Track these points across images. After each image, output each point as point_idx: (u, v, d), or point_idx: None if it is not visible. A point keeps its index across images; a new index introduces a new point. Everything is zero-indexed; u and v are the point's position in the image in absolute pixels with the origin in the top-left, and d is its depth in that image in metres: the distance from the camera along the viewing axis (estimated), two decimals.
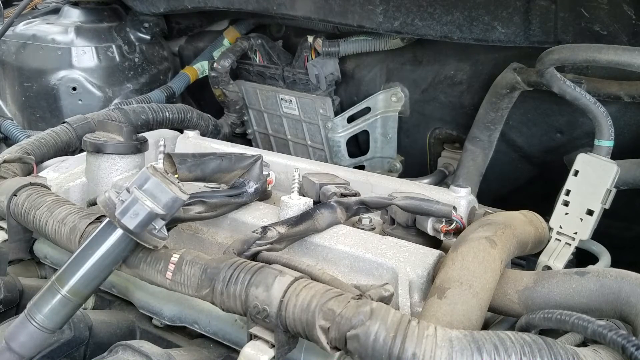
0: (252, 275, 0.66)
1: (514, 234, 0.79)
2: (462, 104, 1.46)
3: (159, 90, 1.76)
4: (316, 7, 1.40)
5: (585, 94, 1.03)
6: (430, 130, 1.57)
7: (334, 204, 0.86)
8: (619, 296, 0.66)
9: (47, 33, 1.73)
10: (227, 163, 0.92)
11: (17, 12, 1.56)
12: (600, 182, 0.96)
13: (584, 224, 0.96)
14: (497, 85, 1.29)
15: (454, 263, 0.72)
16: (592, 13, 1.06)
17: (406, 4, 1.26)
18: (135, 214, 0.63)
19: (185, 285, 0.70)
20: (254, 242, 0.76)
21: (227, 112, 1.85)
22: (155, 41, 1.86)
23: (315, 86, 1.63)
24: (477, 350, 0.53)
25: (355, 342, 0.56)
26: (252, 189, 0.92)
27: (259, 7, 1.49)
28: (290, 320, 0.62)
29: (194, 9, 1.65)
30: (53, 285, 0.67)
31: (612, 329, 0.57)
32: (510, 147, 1.42)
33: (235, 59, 1.74)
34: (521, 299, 0.72)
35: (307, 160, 1.13)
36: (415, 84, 1.54)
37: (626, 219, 1.23)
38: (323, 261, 0.83)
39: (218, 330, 0.82)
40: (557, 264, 0.96)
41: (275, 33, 1.84)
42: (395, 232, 0.88)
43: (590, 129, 1.08)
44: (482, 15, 1.19)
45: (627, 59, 0.90)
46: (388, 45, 1.51)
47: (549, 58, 1.02)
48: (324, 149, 1.73)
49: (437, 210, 0.82)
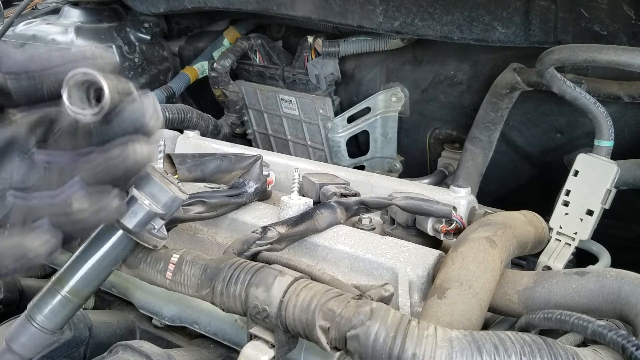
0: (252, 275, 0.66)
1: (514, 234, 0.79)
2: (462, 104, 1.46)
3: (159, 90, 1.76)
4: (316, 7, 1.39)
5: (585, 94, 1.03)
6: (430, 130, 1.57)
7: (334, 204, 0.86)
8: (619, 296, 0.66)
9: (47, 33, 1.73)
10: (227, 163, 0.92)
11: (17, 12, 1.56)
12: (600, 182, 0.96)
13: (584, 224, 0.96)
14: (497, 85, 1.29)
15: (454, 263, 0.72)
16: (592, 13, 1.06)
17: (406, 4, 1.26)
18: (134, 213, 0.63)
19: (185, 285, 0.70)
20: (254, 242, 0.76)
21: (227, 112, 1.85)
22: (155, 41, 1.86)
23: (315, 86, 1.63)
24: (477, 350, 0.53)
25: (355, 342, 0.56)
26: (252, 189, 0.92)
27: (259, 7, 1.49)
28: (290, 321, 0.62)
29: (194, 9, 1.65)
30: (53, 286, 0.67)
31: (612, 329, 0.57)
32: (510, 147, 1.42)
33: (235, 59, 1.74)
34: (521, 299, 0.72)
35: (307, 160, 1.13)
36: (415, 84, 1.54)
37: (626, 219, 1.23)
38: (323, 261, 0.83)
39: (218, 330, 0.82)
40: (557, 264, 0.96)
41: (275, 33, 1.84)
42: (395, 232, 0.88)
43: (590, 129, 1.08)
44: (482, 15, 1.19)
45: (627, 59, 0.90)
46: (388, 46, 1.51)
47: (549, 58, 1.02)
48: (324, 149, 1.73)
49: (437, 210, 0.82)
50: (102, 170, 0.46)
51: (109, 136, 0.47)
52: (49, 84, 0.46)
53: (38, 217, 0.47)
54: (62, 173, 0.47)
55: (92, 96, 0.45)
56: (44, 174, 0.48)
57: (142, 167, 0.49)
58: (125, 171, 0.47)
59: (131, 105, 0.47)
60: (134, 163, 0.46)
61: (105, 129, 0.47)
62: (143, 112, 0.47)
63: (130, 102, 0.47)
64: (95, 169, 0.46)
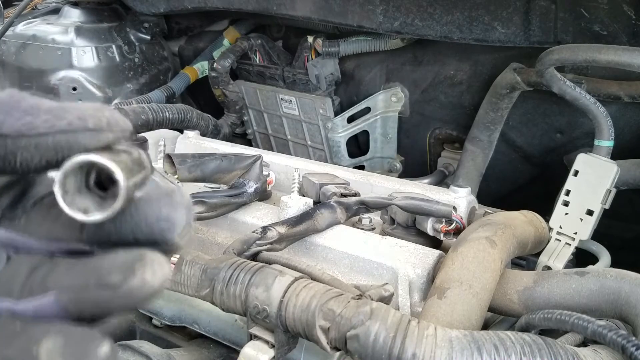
0: (252, 275, 0.66)
1: (514, 234, 0.79)
2: (462, 104, 1.46)
3: (159, 90, 1.76)
4: (316, 7, 1.39)
5: (585, 94, 1.03)
6: (430, 131, 1.57)
7: (334, 204, 0.86)
8: (619, 296, 0.66)
9: (47, 33, 1.72)
10: (227, 163, 0.92)
11: (17, 12, 1.56)
12: (600, 182, 0.96)
13: (584, 224, 0.96)
14: (497, 85, 1.29)
15: (454, 263, 0.72)
16: (592, 13, 1.06)
17: (406, 4, 1.26)
18: None
19: (185, 285, 0.70)
20: (254, 242, 0.77)
21: (227, 112, 1.85)
22: (155, 41, 1.86)
23: (315, 86, 1.63)
24: (477, 350, 0.53)
25: (355, 342, 0.56)
26: (252, 189, 0.92)
27: (259, 7, 1.49)
28: (290, 320, 0.62)
29: (194, 9, 1.65)
30: None
31: (612, 329, 0.57)
32: (510, 147, 1.42)
33: (235, 59, 1.73)
34: (521, 299, 0.72)
35: (307, 160, 1.13)
36: (415, 84, 1.54)
37: (626, 219, 1.23)
38: (323, 261, 0.83)
39: (218, 330, 0.82)
40: (557, 264, 0.96)
41: (275, 33, 1.84)
42: (395, 232, 0.88)
43: (590, 129, 1.08)
44: (482, 15, 1.19)
45: (627, 59, 0.90)
46: (388, 46, 1.51)
47: (549, 58, 1.02)
48: (324, 149, 1.73)
49: (437, 210, 0.82)
50: (90, 298, 0.28)
51: (110, 239, 0.30)
52: (25, 155, 0.29)
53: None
54: (33, 275, 0.30)
55: (93, 180, 0.30)
56: (4, 270, 0.30)
57: (150, 301, 0.29)
58: (125, 306, 0.28)
59: (155, 205, 0.30)
60: (141, 297, 0.28)
61: (107, 229, 0.30)
62: (172, 221, 0.30)
63: (155, 200, 0.30)
64: (79, 292, 0.28)
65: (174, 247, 0.30)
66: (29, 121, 0.30)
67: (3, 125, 0.29)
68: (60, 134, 0.30)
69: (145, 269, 0.28)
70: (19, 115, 0.30)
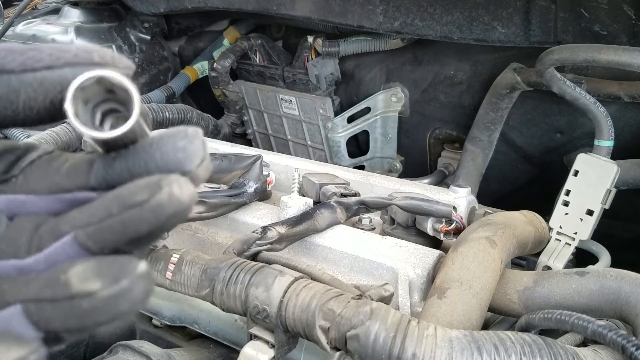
0: (252, 275, 0.66)
1: (514, 234, 0.79)
2: (462, 104, 1.46)
3: (159, 90, 1.76)
4: (316, 7, 1.39)
5: (585, 94, 1.03)
6: (430, 131, 1.57)
7: (334, 204, 0.86)
8: (619, 296, 0.66)
9: (47, 33, 1.72)
10: (227, 163, 0.92)
11: (17, 12, 1.56)
12: (600, 182, 0.96)
13: (584, 224, 0.96)
14: (497, 85, 1.29)
15: (454, 263, 0.72)
16: (592, 13, 1.06)
17: (406, 4, 1.26)
18: None
19: (185, 285, 0.70)
20: (254, 242, 0.77)
21: (227, 112, 1.85)
22: (155, 41, 1.86)
23: (315, 86, 1.63)
24: (477, 350, 0.53)
25: (355, 342, 0.56)
26: (252, 189, 0.92)
27: (259, 7, 1.49)
28: (290, 320, 0.62)
29: (194, 9, 1.65)
30: None
31: (612, 329, 0.57)
32: (510, 147, 1.42)
33: (235, 59, 1.74)
34: (521, 299, 0.72)
35: (307, 160, 1.13)
36: (415, 84, 1.54)
37: (626, 219, 1.23)
38: (323, 261, 0.83)
39: (218, 330, 0.82)
40: (557, 264, 0.96)
41: (275, 33, 1.84)
42: (395, 232, 0.88)
43: (590, 129, 1.08)
44: (482, 15, 1.19)
45: (627, 59, 0.90)
46: (388, 45, 1.52)
47: (549, 58, 1.02)
48: (324, 149, 1.73)
49: (437, 210, 0.82)
50: (114, 226, 0.27)
51: (122, 178, 0.29)
52: (29, 94, 0.28)
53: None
54: (40, 230, 0.29)
55: (98, 120, 0.29)
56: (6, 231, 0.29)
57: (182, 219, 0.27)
58: (156, 227, 0.26)
59: (171, 138, 0.28)
60: (171, 213, 0.26)
61: (118, 165, 0.29)
62: (189, 151, 0.28)
63: (169, 135, 0.29)
64: (101, 224, 0.27)
65: (194, 178, 0.28)
66: (33, 55, 0.29)
67: (5, 62, 0.28)
68: (67, 66, 0.28)
69: (172, 185, 0.26)
70: (22, 51, 0.29)
